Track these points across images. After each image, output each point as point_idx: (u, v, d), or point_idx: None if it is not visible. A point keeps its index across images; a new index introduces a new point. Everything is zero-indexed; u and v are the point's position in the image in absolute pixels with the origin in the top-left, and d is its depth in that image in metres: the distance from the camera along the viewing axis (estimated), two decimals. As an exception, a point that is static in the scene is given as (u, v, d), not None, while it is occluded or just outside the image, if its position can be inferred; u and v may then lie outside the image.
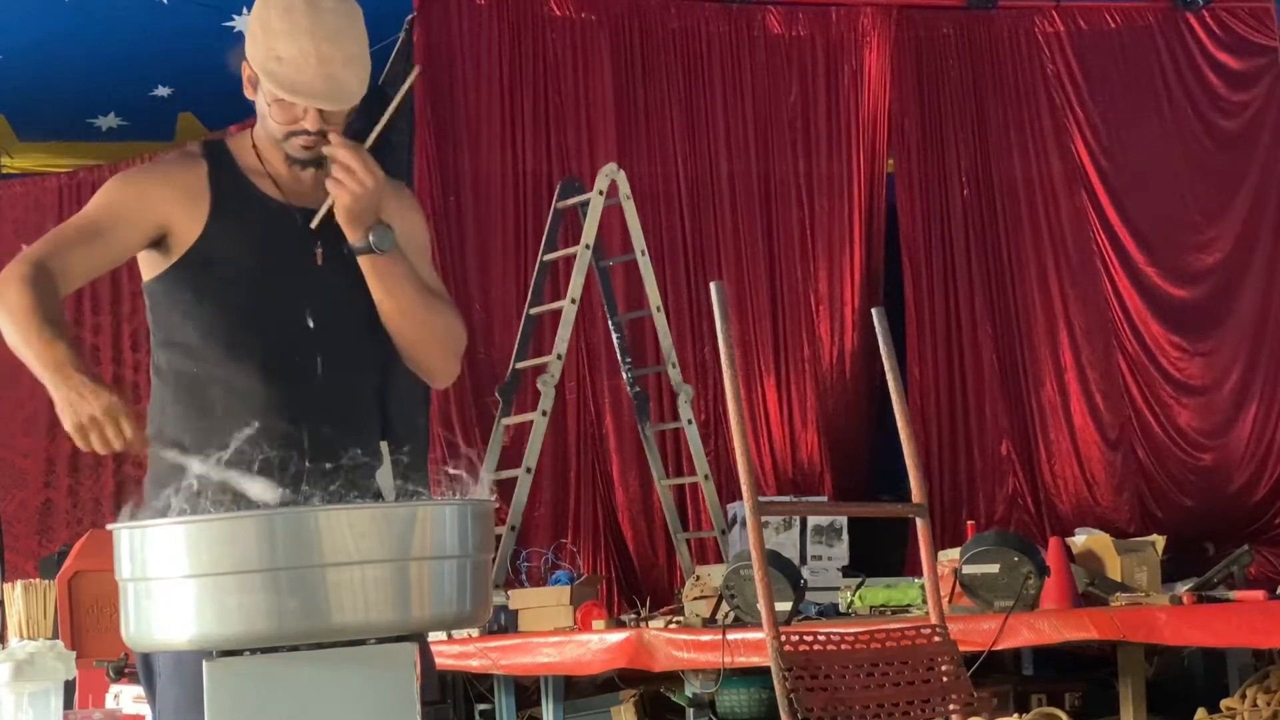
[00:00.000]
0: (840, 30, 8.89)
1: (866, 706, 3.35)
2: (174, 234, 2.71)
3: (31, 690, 4.59)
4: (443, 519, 2.25)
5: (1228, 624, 4.59)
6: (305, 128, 2.68)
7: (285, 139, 2.71)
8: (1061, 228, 9.00)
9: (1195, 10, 9.18)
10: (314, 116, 2.68)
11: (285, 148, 2.73)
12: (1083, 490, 8.78)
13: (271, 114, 2.70)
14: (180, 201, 2.71)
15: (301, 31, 2.64)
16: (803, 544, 7.15)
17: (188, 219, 2.71)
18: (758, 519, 3.45)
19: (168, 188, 2.72)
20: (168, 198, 2.71)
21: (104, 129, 8.92)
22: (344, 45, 2.68)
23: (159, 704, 2.66)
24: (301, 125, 2.69)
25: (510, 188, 8.30)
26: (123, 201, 2.70)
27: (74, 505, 9.16)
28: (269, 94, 2.68)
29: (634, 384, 7.54)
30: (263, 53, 2.67)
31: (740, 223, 8.65)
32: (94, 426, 2.39)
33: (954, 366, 8.88)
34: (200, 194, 2.72)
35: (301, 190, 2.77)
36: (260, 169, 2.77)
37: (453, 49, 8.28)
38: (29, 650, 4.73)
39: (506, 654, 5.93)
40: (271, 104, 2.69)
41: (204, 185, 2.73)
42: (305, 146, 2.70)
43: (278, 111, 2.69)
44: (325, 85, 2.65)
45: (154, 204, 2.70)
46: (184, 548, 2.15)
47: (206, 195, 2.72)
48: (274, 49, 2.65)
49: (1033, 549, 4.99)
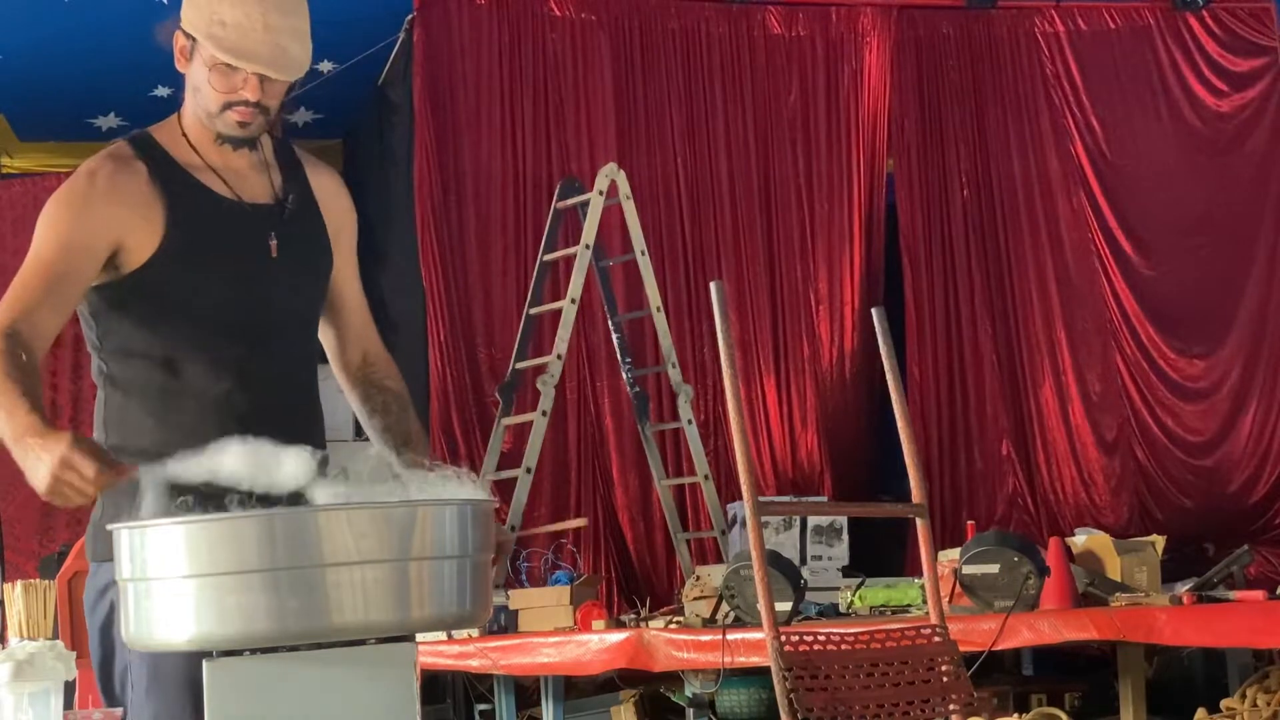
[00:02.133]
0: (840, 30, 8.89)
1: (866, 706, 3.35)
2: (127, 248, 2.60)
3: (31, 690, 4.59)
4: (443, 519, 2.25)
5: (1228, 624, 4.59)
6: (245, 97, 2.59)
7: (220, 111, 2.61)
8: (1060, 228, 9.00)
9: (1195, 10, 9.17)
10: (254, 85, 2.58)
11: (218, 123, 2.63)
12: (1082, 490, 8.78)
13: (211, 82, 2.60)
14: (133, 219, 2.59)
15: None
16: (803, 544, 7.15)
17: (142, 231, 2.60)
18: (758, 519, 3.45)
19: (119, 207, 2.59)
20: (118, 217, 2.58)
21: (104, 129, 8.91)
22: (290, 17, 2.60)
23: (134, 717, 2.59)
24: (241, 94, 2.59)
25: (510, 188, 8.29)
26: (75, 238, 2.57)
27: (74, 506, 9.14)
28: (209, 59, 2.58)
29: (634, 384, 7.54)
30: (205, 17, 2.57)
31: (740, 223, 8.65)
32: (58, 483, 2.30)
33: (954, 366, 8.87)
34: (151, 203, 2.61)
35: (244, 182, 2.69)
36: (201, 163, 2.67)
37: (453, 49, 8.27)
38: (29, 650, 4.73)
39: (506, 654, 5.93)
40: (211, 71, 2.59)
41: (152, 193, 2.61)
42: (241, 122, 2.61)
43: (217, 80, 2.59)
44: (271, 52, 2.56)
45: (105, 228, 2.58)
46: (184, 548, 2.15)
47: (159, 203, 2.61)
48: (218, 13, 2.56)
49: (1033, 549, 4.99)
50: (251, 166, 2.72)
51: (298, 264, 2.72)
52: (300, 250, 2.73)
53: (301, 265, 2.73)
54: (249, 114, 2.61)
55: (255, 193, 2.70)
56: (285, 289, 2.70)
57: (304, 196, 2.77)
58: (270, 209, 2.71)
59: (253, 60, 2.56)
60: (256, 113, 2.61)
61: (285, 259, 2.69)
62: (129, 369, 2.67)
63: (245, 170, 2.70)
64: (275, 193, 2.73)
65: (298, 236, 2.73)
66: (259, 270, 2.67)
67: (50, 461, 2.30)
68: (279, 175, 2.75)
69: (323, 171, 2.86)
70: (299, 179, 2.78)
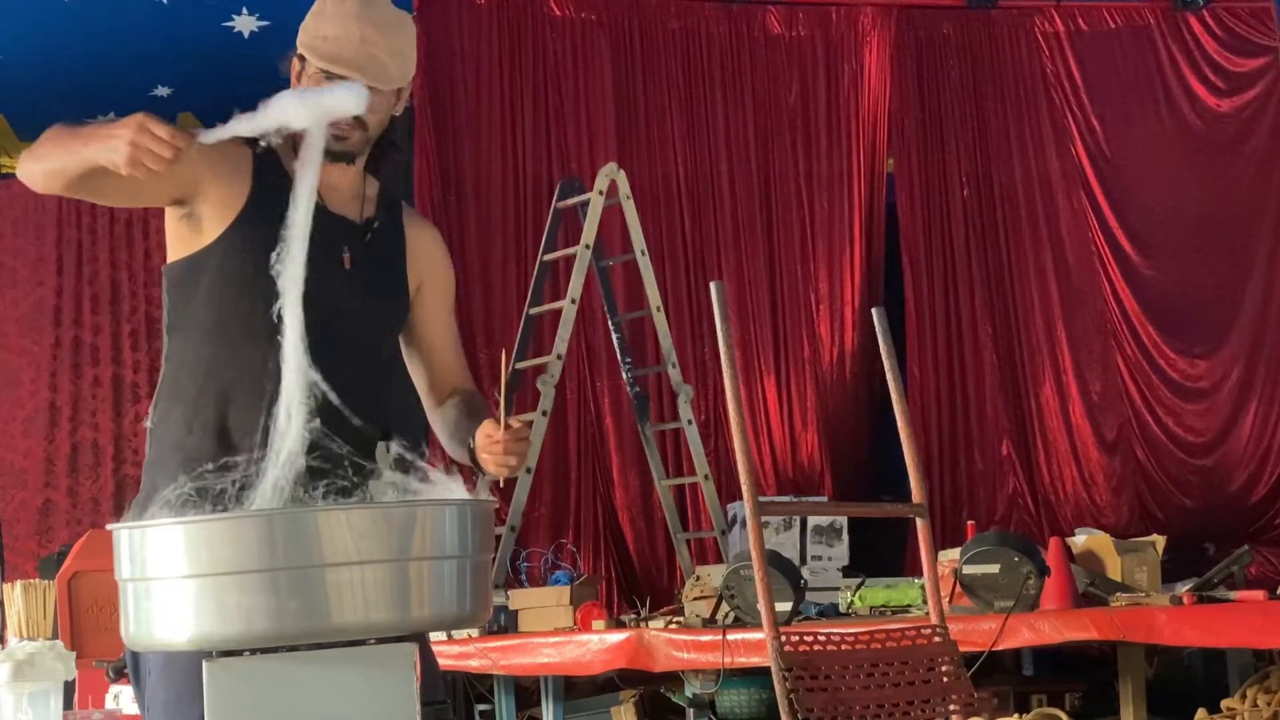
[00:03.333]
0: (840, 30, 8.89)
1: (866, 707, 3.35)
2: (206, 205, 2.68)
3: (31, 690, 4.59)
4: (443, 519, 2.25)
5: (1228, 624, 4.59)
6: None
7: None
8: (1061, 228, 9.01)
9: (1195, 10, 9.18)
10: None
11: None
12: (1082, 490, 8.78)
13: None
14: (221, 168, 2.69)
15: (350, 16, 2.72)
16: (803, 544, 7.15)
17: (226, 190, 2.69)
18: (758, 519, 3.45)
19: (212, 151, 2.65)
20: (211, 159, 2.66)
21: (104, 129, 8.91)
22: (390, 36, 2.74)
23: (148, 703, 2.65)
24: None
25: (510, 188, 8.30)
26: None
27: (74, 505, 9.16)
28: (311, 71, 2.72)
29: (634, 384, 7.54)
30: (310, 35, 2.73)
31: (740, 223, 8.65)
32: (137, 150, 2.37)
33: (954, 366, 8.88)
34: (243, 172, 2.71)
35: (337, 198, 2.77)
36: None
37: (453, 49, 8.28)
38: (29, 650, 4.73)
39: (506, 654, 5.93)
40: (312, 84, 2.71)
41: (248, 169, 2.72)
42: (338, 135, 2.69)
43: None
44: (366, 62, 2.69)
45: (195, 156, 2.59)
46: (184, 548, 2.15)
47: (248, 179, 2.71)
48: (321, 30, 2.72)
49: (1033, 549, 4.99)
50: (352, 187, 2.81)
51: (370, 284, 2.77)
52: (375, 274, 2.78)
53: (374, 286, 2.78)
54: (346, 127, 2.71)
55: (343, 208, 2.79)
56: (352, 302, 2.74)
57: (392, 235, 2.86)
58: (353, 226, 2.80)
59: (346, 67, 2.68)
60: (354, 127, 2.72)
61: (358, 275, 2.76)
62: (187, 345, 2.73)
63: (343, 188, 2.79)
64: (364, 217, 2.82)
65: (374, 262, 2.80)
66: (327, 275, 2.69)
67: (126, 134, 2.38)
68: (374, 208, 2.84)
69: (422, 224, 2.99)
70: (394, 220, 2.88)
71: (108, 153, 2.41)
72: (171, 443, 2.68)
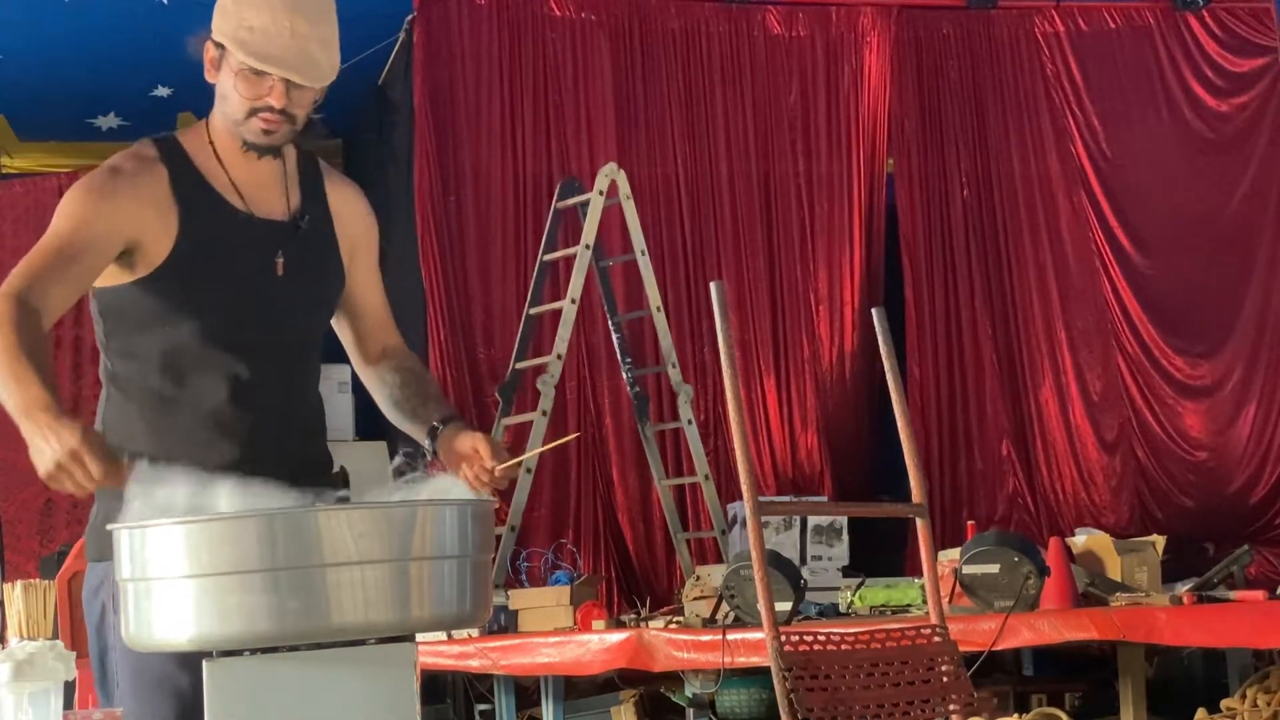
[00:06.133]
0: (840, 30, 8.89)
1: (866, 706, 3.35)
2: (142, 249, 2.62)
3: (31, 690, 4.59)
4: (443, 519, 2.25)
5: (1228, 624, 4.59)
6: (270, 103, 2.61)
7: (246, 118, 2.63)
8: (1061, 228, 9.00)
9: (1195, 10, 9.17)
10: (280, 92, 2.60)
11: (243, 131, 2.65)
12: (1082, 490, 8.78)
13: (236, 88, 2.62)
14: (149, 218, 2.62)
15: (276, 4, 2.58)
16: (803, 544, 7.15)
17: (157, 234, 2.62)
18: (758, 519, 3.45)
19: (136, 204, 2.61)
20: (137, 215, 2.61)
21: (104, 129, 8.90)
22: (319, 26, 2.62)
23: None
24: (266, 101, 2.61)
25: (510, 188, 8.29)
26: (93, 223, 2.58)
27: (74, 505, 9.15)
28: (236, 65, 2.60)
29: (634, 384, 7.54)
30: (233, 23, 2.59)
31: (740, 223, 8.65)
32: (61, 472, 2.29)
33: (954, 366, 8.87)
34: (168, 208, 2.63)
35: (261, 196, 2.72)
36: (221, 174, 2.69)
37: (453, 49, 8.27)
38: (29, 650, 4.72)
39: (506, 654, 5.93)
40: (237, 77, 2.61)
41: (170, 197, 2.64)
42: (266, 129, 2.63)
43: (243, 86, 2.61)
44: (298, 58, 2.58)
45: (124, 222, 2.59)
46: (184, 548, 2.15)
47: (174, 209, 2.63)
48: (246, 19, 2.58)
49: (1033, 549, 4.99)
50: (274, 177, 2.74)
51: (304, 285, 2.74)
52: (308, 272, 2.74)
53: (308, 286, 2.75)
54: (275, 121, 2.63)
55: (270, 208, 2.72)
56: (289, 309, 2.71)
57: (320, 215, 2.80)
58: (282, 226, 2.73)
59: (278, 64, 2.58)
60: (283, 120, 2.63)
61: (292, 279, 2.71)
62: (131, 371, 2.70)
63: (266, 182, 2.73)
64: (291, 210, 2.75)
65: (307, 258, 2.75)
66: (264, 288, 2.68)
67: (60, 450, 2.29)
68: (298, 191, 2.77)
69: (343, 185, 2.89)
70: (318, 195, 2.81)
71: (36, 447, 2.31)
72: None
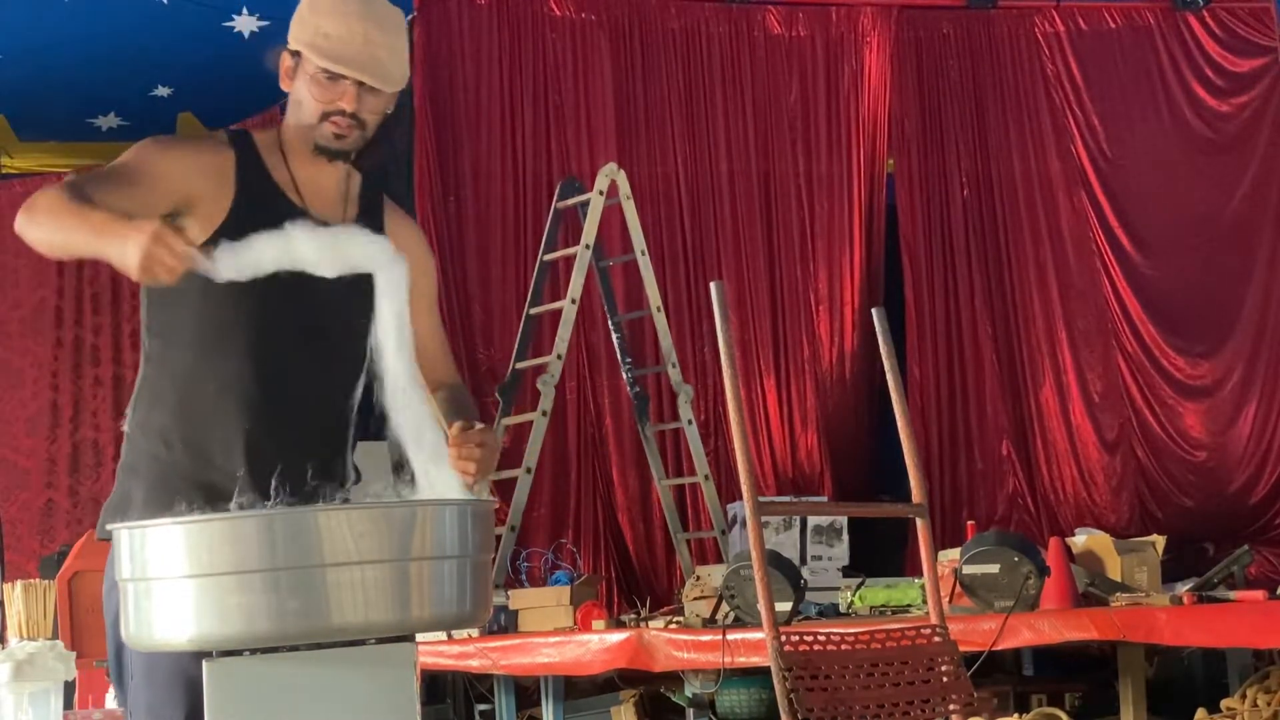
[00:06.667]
0: (840, 30, 8.89)
1: (866, 706, 3.35)
2: (193, 214, 2.67)
3: (31, 690, 4.60)
4: (443, 519, 2.25)
5: (1228, 624, 4.59)
6: (342, 107, 2.69)
7: (319, 122, 2.71)
8: (1061, 228, 9.00)
9: (1195, 10, 9.17)
10: (352, 96, 2.68)
11: (316, 135, 2.72)
12: (1082, 490, 8.78)
13: (311, 93, 2.70)
14: (207, 182, 2.69)
15: (351, 13, 2.69)
16: (803, 544, 7.15)
17: (210, 203, 2.68)
18: (758, 519, 3.45)
19: (196, 167, 2.69)
20: (197, 173, 2.68)
21: (104, 129, 8.90)
22: (389, 35, 2.71)
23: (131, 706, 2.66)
24: (339, 105, 2.69)
25: (510, 188, 8.30)
26: (155, 163, 2.67)
27: (74, 505, 9.17)
28: (311, 70, 2.69)
29: (634, 384, 7.54)
30: (309, 31, 2.69)
31: (740, 223, 8.65)
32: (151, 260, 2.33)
33: (954, 366, 8.87)
34: (226, 182, 2.70)
35: (321, 201, 2.77)
36: (284, 171, 2.76)
37: (453, 49, 8.27)
38: (29, 650, 4.74)
39: (506, 654, 5.93)
40: (311, 82, 2.69)
41: (230, 175, 2.71)
42: (338, 133, 2.71)
43: (317, 90, 2.69)
44: (370, 62, 2.67)
45: (179, 177, 2.66)
46: (184, 548, 2.15)
47: (231, 186, 2.71)
48: (321, 26, 2.68)
49: (1033, 549, 4.99)
50: (336, 187, 2.80)
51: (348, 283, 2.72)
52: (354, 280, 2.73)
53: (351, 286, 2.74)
54: (346, 125, 2.71)
55: (327, 213, 2.77)
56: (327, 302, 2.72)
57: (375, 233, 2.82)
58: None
59: (351, 66, 2.67)
60: (353, 125, 2.72)
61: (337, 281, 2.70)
62: (167, 349, 2.73)
63: (328, 189, 2.79)
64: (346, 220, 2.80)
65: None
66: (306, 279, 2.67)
67: (143, 239, 2.33)
68: (357, 208, 2.83)
69: (403, 220, 2.95)
70: (375, 220, 2.85)
71: (119, 252, 2.36)
72: (149, 453, 2.68)
